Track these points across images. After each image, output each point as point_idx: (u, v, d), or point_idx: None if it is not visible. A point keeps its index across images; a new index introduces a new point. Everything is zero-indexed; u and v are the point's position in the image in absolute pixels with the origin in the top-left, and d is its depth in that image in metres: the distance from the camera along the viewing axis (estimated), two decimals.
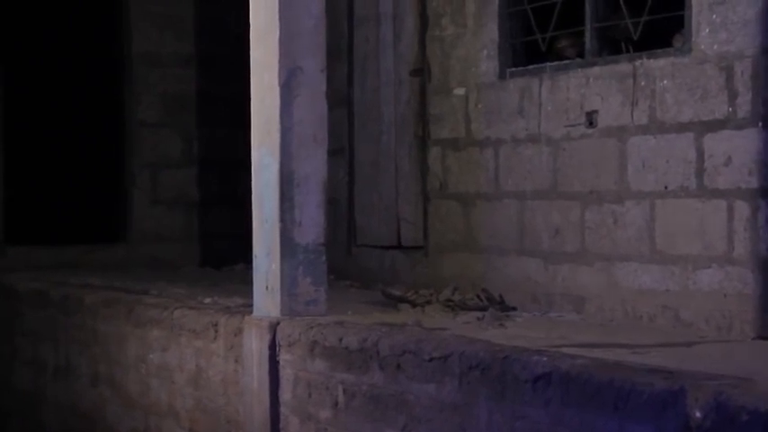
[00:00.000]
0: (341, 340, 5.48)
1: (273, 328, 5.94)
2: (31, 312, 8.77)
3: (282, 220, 6.01)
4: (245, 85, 6.37)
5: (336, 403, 5.49)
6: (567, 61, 6.98)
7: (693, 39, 6.13)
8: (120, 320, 7.55)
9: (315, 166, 6.06)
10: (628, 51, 6.67)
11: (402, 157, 8.21)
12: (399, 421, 5.08)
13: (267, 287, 6.07)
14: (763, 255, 5.81)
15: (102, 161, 10.52)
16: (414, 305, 7.01)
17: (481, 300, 6.98)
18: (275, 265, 6.01)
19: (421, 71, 8.05)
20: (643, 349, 5.27)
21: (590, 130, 6.72)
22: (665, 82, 6.27)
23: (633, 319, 6.43)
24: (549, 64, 7.05)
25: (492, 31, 7.42)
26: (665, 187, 6.27)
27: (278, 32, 6.00)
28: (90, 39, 10.47)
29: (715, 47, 6.03)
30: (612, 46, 6.82)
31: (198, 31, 10.50)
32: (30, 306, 8.80)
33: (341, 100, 8.65)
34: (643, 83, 6.40)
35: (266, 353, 5.94)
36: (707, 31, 6.06)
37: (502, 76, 7.36)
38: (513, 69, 7.31)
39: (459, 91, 7.69)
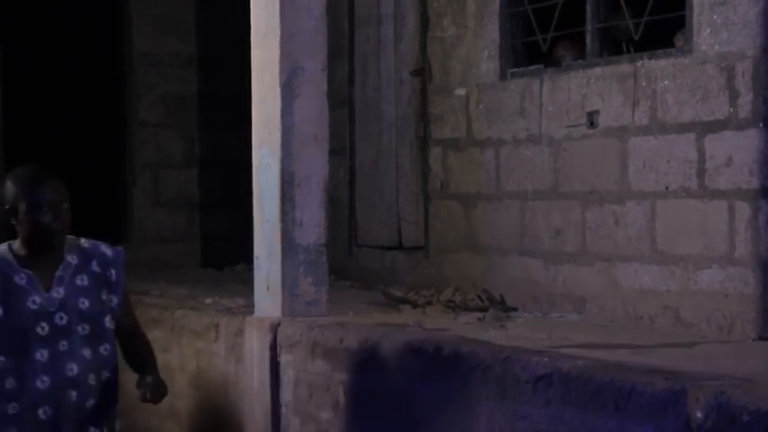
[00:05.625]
0: (342, 341, 5.47)
1: (274, 328, 5.94)
2: None
3: (283, 220, 6.00)
4: (246, 85, 6.37)
5: (337, 404, 5.49)
6: (568, 62, 6.98)
7: (694, 39, 6.13)
8: None
9: (316, 165, 6.05)
10: (629, 52, 6.67)
11: (403, 157, 8.20)
12: (400, 422, 5.07)
13: (268, 288, 6.06)
14: (764, 255, 5.80)
15: (104, 161, 10.53)
16: (415, 306, 7.01)
17: (482, 300, 6.98)
18: (276, 266, 6.01)
19: (422, 71, 8.05)
20: (644, 349, 5.27)
21: (591, 131, 6.72)
22: (666, 82, 6.27)
23: (634, 319, 6.43)
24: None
25: (493, 31, 7.42)
26: (666, 187, 6.27)
27: (279, 32, 6.00)
28: (92, 40, 10.48)
29: (716, 47, 6.02)
30: (613, 46, 6.82)
31: (199, 32, 10.51)
32: None
33: (342, 100, 8.65)
34: (644, 83, 6.40)
35: (267, 353, 5.94)
36: (708, 31, 6.06)
37: (503, 76, 7.36)
38: (514, 70, 7.31)
39: (460, 91, 7.68)
